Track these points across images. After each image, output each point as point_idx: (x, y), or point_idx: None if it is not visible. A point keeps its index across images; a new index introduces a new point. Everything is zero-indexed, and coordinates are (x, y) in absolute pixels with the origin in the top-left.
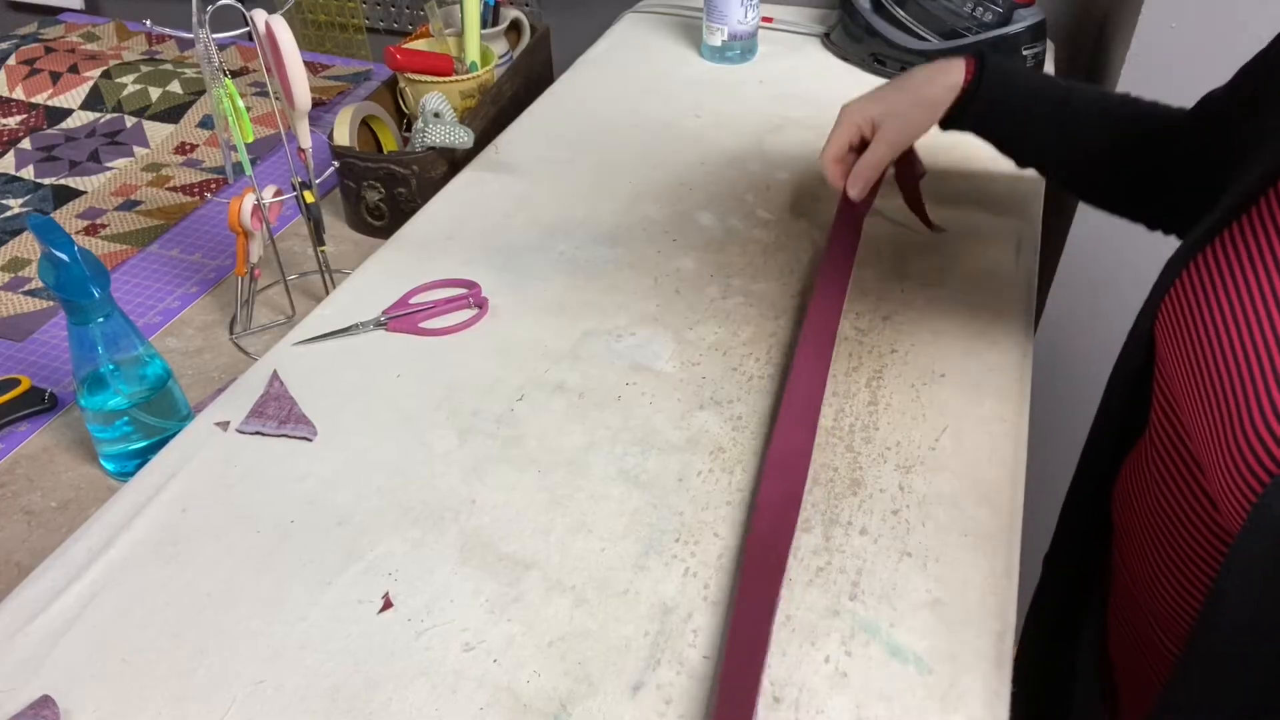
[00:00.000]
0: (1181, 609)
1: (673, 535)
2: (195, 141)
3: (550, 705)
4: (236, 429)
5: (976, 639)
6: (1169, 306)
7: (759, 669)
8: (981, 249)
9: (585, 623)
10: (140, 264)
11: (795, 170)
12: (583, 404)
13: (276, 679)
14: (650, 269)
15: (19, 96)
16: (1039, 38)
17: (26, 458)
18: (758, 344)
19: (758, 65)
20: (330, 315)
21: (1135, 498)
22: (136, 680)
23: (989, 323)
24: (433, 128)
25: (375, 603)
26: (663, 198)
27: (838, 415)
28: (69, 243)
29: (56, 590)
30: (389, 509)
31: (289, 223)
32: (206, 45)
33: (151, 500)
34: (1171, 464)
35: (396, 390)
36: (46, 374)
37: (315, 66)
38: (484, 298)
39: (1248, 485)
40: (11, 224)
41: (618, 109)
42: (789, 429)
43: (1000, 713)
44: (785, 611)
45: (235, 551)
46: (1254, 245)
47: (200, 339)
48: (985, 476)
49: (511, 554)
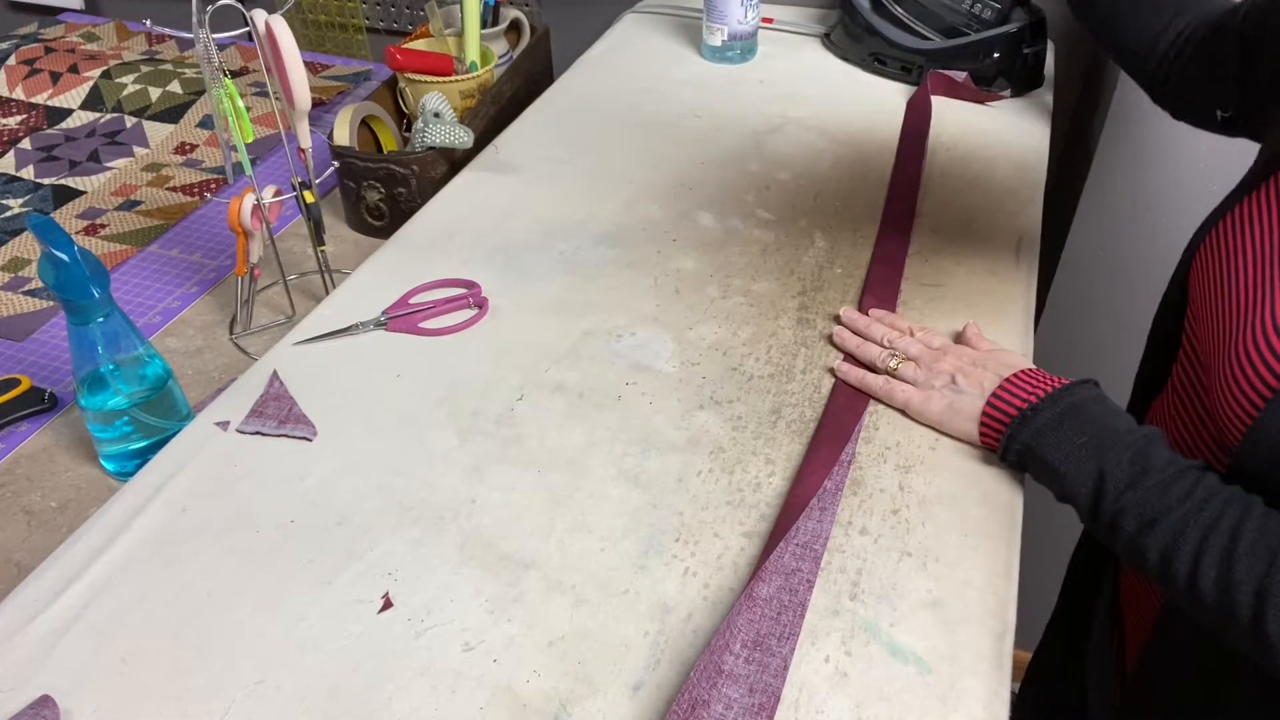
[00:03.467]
0: None
1: (673, 535)
2: (195, 141)
3: (550, 705)
4: (236, 429)
5: (976, 639)
6: (1201, 257)
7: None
8: (981, 249)
9: (585, 623)
10: (140, 264)
11: (795, 170)
12: (583, 404)
13: (276, 679)
14: (650, 269)
15: (19, 96)
16: (1039, 36)
17: (26, 458)
18: (758, 344)
19: (758, 65)
20: (330, 315)
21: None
22: (136, 680)
23: (989, 323)
24: (433, 128)
25: (375, 602)
26: (663, 198)
27: None
28: (69, 243)
29: (56, 590)
30: (389, 509)
31: (289, 223)
32: (206, 45)
33: (151, 500)
34: (1188, 403)
35: (396, 390)
36: (46, 374)
37: (315, 66)
38: (484, 298)
39: (1247, 400)
40: (11, 224)
41: (618, 109)
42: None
43: (1000, 713)
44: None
45: (235, 551)
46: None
47: (200, 339)
48: (985, 476)
49: (511, 554)
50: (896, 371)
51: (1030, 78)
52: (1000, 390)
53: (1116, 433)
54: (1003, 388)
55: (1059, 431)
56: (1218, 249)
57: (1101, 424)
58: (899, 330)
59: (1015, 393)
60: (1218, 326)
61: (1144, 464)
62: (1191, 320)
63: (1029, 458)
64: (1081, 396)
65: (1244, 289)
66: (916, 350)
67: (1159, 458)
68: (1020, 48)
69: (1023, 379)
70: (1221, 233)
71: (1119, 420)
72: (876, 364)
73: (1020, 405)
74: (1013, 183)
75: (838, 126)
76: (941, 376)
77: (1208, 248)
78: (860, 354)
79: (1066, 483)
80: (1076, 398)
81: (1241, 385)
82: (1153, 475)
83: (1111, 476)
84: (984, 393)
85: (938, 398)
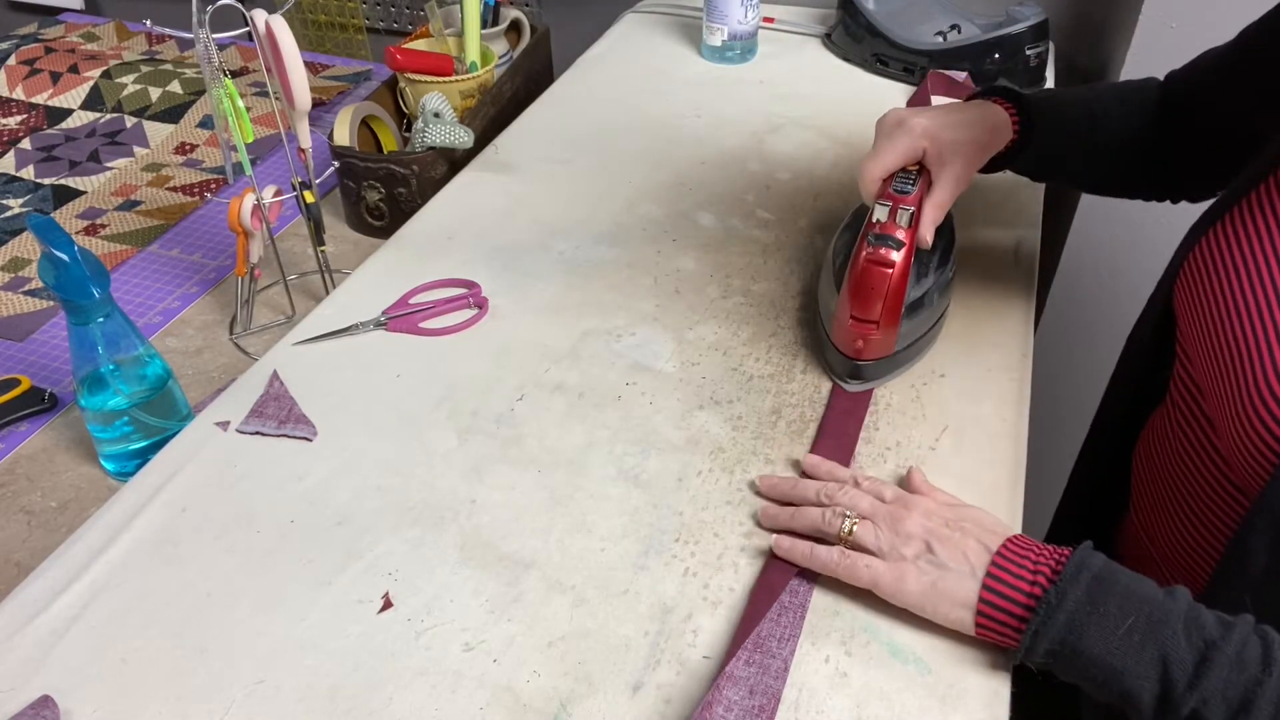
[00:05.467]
0: (1195, 558)
1: (673, 535)
2: (195, 141)
3: (550, 705)
4: (236, 429)
5: (976, 639)
6: (1188, 271)
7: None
8: (982, 249)
9: (585, 623)
10: (140, 264)
11: (795, 170)
12: (583, 404)
13: (276, 679)
14: (650, 269)
15: (19, 96)
16: (1041, 38)
17: (26, 458)
18: (758, 344)
19: (758, 65)
20: (330, 315)
21: (1155, 457)
22: (136, 680)
23: (989, 323)
24: (433, 128)
25: (375, 603)
26: (663, 198)
27: None
28: (69, 243)
29: (56, 590)
30: (389, 509)
31: (289, 223)
32: (206, 45)
33: (151, 500)
34: (1189, 422)
35: (396, 390)
36: (46, 374)
37: (315, 66)
38: (484, 298)
39: (1262, 441)
40: (11, 224)
41: (618, 109)
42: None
43: (1000, 713)
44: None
45: (235, 551)
46: (1269, 211)
47: (200, 339)
48: (985, 476)
49: (511, 554)
50: (853, 537)
51: (1031, 79)
52: (995, 569)
53: (1157, 603)
54: (996, 564)
55: (1098, 617)
56: (1208, 264)
57: (1138, 597)
58: (840, 480)
59: (1016, 571)
60: (1217, 359)
61: (1202, 635)
62: (1182, 343)
63: (1065, 655)
64: (1098, 566)
65: (1244, 317)
66: (867, 505)
67: (1209, 623)
68: (1022, 49)
69: (1015, 551)
70: (1211, 245)
71: (1145, 586)
72: (824, 531)
73: (1029, 589)
74: (1013, 183)
75: (838, 126)
76: (912, 543)
77: (1196, 262)
78: (799, 526)
79: (1127, 680)
80: (1095, 569)
81: (1262, 435)
82: (1219, 650)
83: (1175, 661)
84: (974, 570)
85: (914, 574)
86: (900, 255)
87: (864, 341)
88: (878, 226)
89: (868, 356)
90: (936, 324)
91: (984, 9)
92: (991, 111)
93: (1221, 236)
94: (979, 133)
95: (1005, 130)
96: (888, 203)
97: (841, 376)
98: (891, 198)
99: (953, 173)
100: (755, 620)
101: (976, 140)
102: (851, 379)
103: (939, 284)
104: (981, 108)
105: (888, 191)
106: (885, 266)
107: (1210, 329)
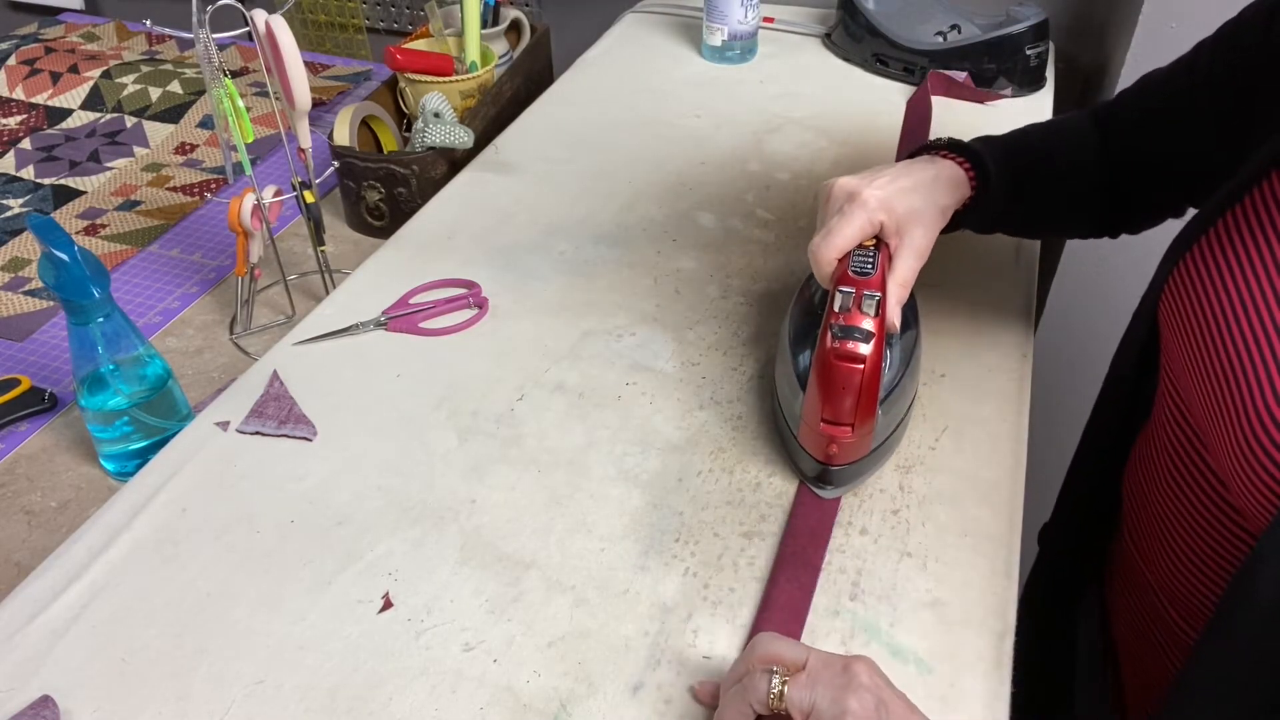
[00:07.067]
0: (1194, 585)
1: (673, 535)
2: (195, 141)
3: (550, 705)
4: (236, 429)
5: (976, 639)
6: (1172, 289)
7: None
8: (981, 249)
9: (585, 623)
10: (140, 264)
11: (795, 170)
12: (583, 404)
13: (276, 679)
14: (650, 269)
15: (19, 96)
16: (1041, 38)
17: (26, 458)
18: (758, 344)
19: (758, 65)
20: (330, 315)
21: (1144, 477)
22: (136, 680)
23: (989, 323)
24: (433, 128)
25: (375, 603)
26: (663, 198)
27: None
28: (69, 243)
29: (56, 590)
30: (389, 509)
31: (289, 223)
32: (206, 45)
33: (151, 500)
34: (1178, 443)
35: (396, 390)
36: (46, 374)
37: (315, 66)
38: (484, 298)
39: (1262, 468)
40: (11, 224)
41: (618, 109)
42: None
43: (1000, 713)
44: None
45: (235, 551)
46: (1255, 228)
47: (200, 339)
48: (985, 476)
49: (511, 554)
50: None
51: (1031, 78)
52: None
53: None
54: None
55: None
56: (1194, 282)
57: None
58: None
59: None
60: (1208, 379)
61: None
62: (1167, 360)
63: None
64: None
65: (1237, 340)
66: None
67: None
68: (1022, 48)
69: None
70: (1197, 262)
71: None
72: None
73: None
74: None
75: (838, 126)
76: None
77: (1181, 279)
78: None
79: None
80: None
81: (1265, 464)
82: None
83: None
84: None
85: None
86: (870, 348)
87: (838, 446)
88: (841, 317)
89: (841, 461)
90: (909, 409)
91: (984, 9)
92: (944, 168)
93: (1208, 252)
94: (937, 194)
95: (963, 186)
96: (850, 289)
97: (813, 481)
98: (852, 281)
99: (914, 245)
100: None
101: (935, 204)
102: (825, 484)
103: (908, 361)
104: (933, 165)
105: (846, 274)
106: (854, 362)
107: (1199, 348)
